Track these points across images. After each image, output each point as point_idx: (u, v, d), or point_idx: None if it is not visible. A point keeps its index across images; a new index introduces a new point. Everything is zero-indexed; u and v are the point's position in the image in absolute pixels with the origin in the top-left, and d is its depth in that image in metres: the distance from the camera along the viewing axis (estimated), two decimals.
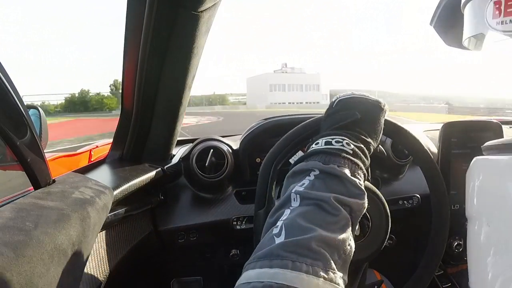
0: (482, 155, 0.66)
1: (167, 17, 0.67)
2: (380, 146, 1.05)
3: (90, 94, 69.50)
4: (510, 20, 0.41)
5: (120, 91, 0.84)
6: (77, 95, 67.72)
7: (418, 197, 0.99)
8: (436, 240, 0.70)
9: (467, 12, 0.52)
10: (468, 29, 0.52)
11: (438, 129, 1.02)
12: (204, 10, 0.67)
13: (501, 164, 0.41)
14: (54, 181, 0.54)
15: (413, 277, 0.71)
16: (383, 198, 0.72)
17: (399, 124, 0.70)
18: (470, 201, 0.45)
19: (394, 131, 0.70)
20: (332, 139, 0.50)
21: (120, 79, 0.81)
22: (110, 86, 70.44)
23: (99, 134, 12.63)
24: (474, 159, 0.48)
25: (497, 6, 0.42)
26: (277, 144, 0.67)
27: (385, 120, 0.68)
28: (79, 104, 69.05)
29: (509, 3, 0.41)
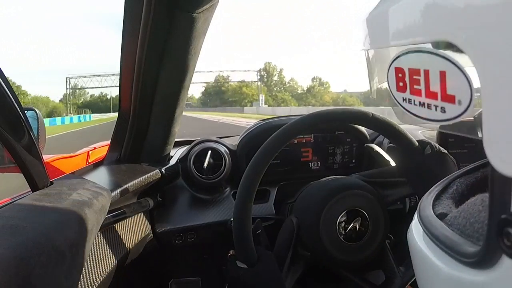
0: (481, 155, 0.65)
1: (164, 19, 0.67)
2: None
3: (230, 82, 71.88)
4: (420, 103, 0.27)
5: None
6: (213, 82, 73.64)
7: (416, 197, 1.00)
8: None
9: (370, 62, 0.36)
10: (373, 90, 0.36)
11: (435, 129, 1.02)
12: (200, 12, 0.67)
13: (442, 275, 0.29)
14: (51, 183, 0.54)
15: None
16: (382, 199, 0.73)
17: (392, 122, 0.70)
18: (418, 279, 0.36)
19: (388, 129, 0.71)
20: None
21: None
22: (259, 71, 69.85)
23: None
24: (410, 231, 0.36)
25: (400, 75, 0.28)
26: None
27: (382, 120, 0.69)
28: (214, 96, 74.15)
29: (414, 77, 0.27)
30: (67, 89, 62.69)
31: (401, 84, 0.28)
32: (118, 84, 0.82)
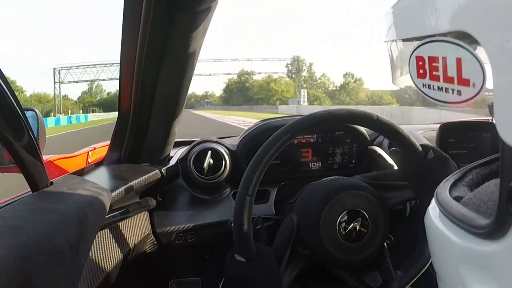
0: (481, 155, 0.65)
1: (164, 18, 0.67)
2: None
3: (254, 77, 65.81)
4: (439, 87, 0.31)
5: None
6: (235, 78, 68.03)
7: (417, 201, 1.00)
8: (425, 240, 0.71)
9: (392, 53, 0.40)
10: (395, 78, 0.40)
11: (435, 130, 1.02)
12: (200, 11, 0.67)
13: (451, 245, 0.34)
14: (52, 183, 0.54)
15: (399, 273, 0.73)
16: (382, 199, 0.73)
17: (396, 125, 0.71)
18: (432, 255, 0.40)
19: (391, 132, 0.71)
20: None
21: None
22: (287, 65, 61.24)
23: None
24: (428, 213, 0.40)
25: (420, 63, 0.32)
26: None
27: (387, 122, 0.69)
28: (237, 93, 67.91)
29: (433, 64, 0.31)
30: (55, 82, 51.21)
31: (421, 71, 0.32)
32: (117, 76, 0.81)
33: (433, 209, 0.38)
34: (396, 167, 0.81)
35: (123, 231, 0.77)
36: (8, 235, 0.38)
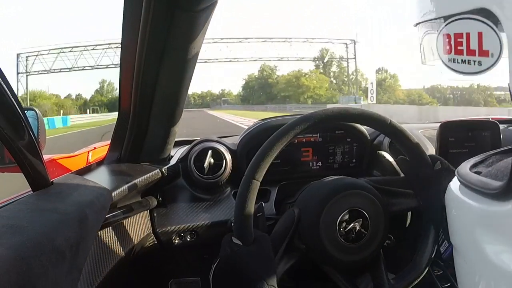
0: (481, 153, 0.65)
1: (164, 17, 0.67)
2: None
3: (277, 73, 57.74)
4: (462, 60, 0.37)
5: None
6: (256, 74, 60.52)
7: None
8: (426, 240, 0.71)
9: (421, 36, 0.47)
10: (426, 56, 0.48)
11: (435, 129, 1.02)
12: (200, 11, 0.67)
13: (471, 212, 0.38)
14: (52, 182, 0.54)
15: (401, 273, 0.72)
16: (382, 199, 0.73)
17: (408, 132, 0.71)
18: (450, 228, 0.45)
19: (402, 139, 0.71)
20: None
21: None
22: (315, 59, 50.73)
23: None
24: (449, 187, 0.45)
25: (447, 40, 0.38)
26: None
27: (399, 128, 0.70)
28: (259, 90, 59.62)
29: (458, 40, 0.37)
30: (18, 73, 36.76)
31: (447, 47, 0.38)
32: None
33: (454, 184, 0.43)
34: (402, 175, 0.81)
35: (123, 231, 0.77)
36: (8, 235, 0.38)
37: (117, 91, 0.80)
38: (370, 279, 0.75)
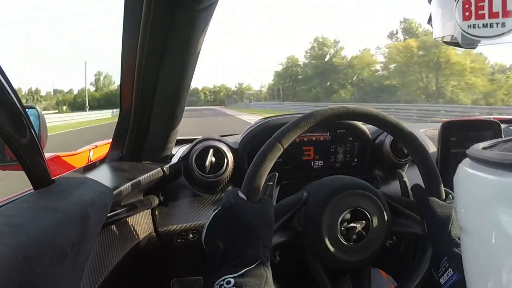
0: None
1: (164, 17, 0.67)
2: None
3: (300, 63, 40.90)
4: (484, 25, 0.37)
5: None
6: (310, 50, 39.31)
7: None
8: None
9: (435, 7, 0.46)
10: (437, 29, 0.46)
11: (437, 129, 1.02)
12: (201, 10, 0.67)
13: (487, 186, 0.36)
14: (53, 181, 0.54)
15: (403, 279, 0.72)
16: (383, 197, 0.72)
17: (398, 122, 0.70)
18: (460, 211, 0.42)
19: (394, 129, 0.70)
20: None
21: None
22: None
23: None
24: (460, 166, 0.43)
25: (467, 6, 0.38)
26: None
27: (386, 118, 0.69)
28: (312, 80, 37.63)
29: (479, 4, 0.37)
30: None
31: (467, 13, 0.37)
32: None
33: (465, 163, 0.41)
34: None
35: (125, 230, 0.77)
36: (9, 234, 0.37)
37: (115, 84, 0.79)
38: (350, 283, 0.75)
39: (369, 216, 0.69)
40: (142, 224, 0.85)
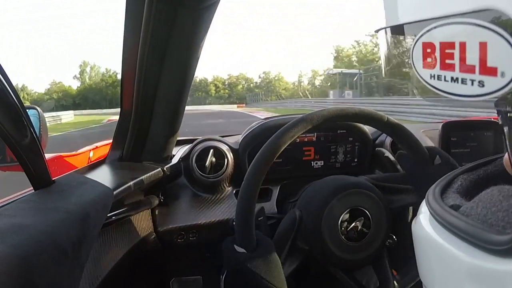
0: (483, 154, 0.63)
1: (166, 15, 0.67)
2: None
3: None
4: (453, 78, 0.25)
5: None
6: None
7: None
8: None
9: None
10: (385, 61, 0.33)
11: (437, 129, 1.02)
12: (203, 8, 0.67)
13: (458, 267, 0.29)
14: (54, 181, 0.54)
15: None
16: (384, 198, 0.73)
17: (405, 128, 0.70)
18: (424, 270, 0.34)
19: (400, 135, 0.71)
20: None
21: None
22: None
23: None
24: (420, 223, 0.35)
25: (428, 50, 0.27)
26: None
27: (396, 125, 0.69)
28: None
29: (447, 51, 0.25)
30: None
31: (429, 60, 0.27)
32: None
33: (424, 218, 0.34)
34: (402, 171, 0.80)
35: (125, 230, 0.77)
36: (10, 234, 0.38)
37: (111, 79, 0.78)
38: (373, 275, 0.75)
39: (365, 211, 0.70)
40: (142, 224, 0.86)
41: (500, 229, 0.26)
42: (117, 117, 0.89)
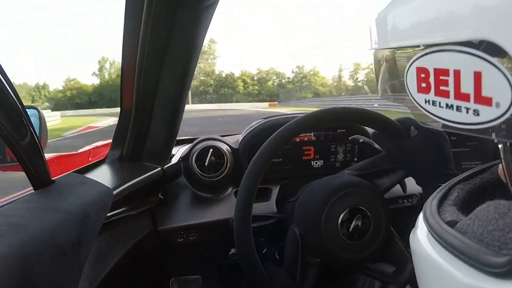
0: (483, 153, 0.63)
1: (166, 15, 0.67)
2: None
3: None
4: (448, 105, 0.24)
5: None
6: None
7: (418, 195, 1.00)
8: None
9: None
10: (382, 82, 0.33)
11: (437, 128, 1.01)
12: (202, 8, 0.67)
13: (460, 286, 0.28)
14: (53, 181, 0.54)
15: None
16: (383, 197, 0.73)
17: (367, 109, 0.71)
18: (419, 280, 0.34)
19: (365, 118, 0.71)
20: None
21: None
22: None
23: None
24: (418, 239, 0.34)
25: (423, 75, 0.26)
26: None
27: (360, 111, 0.69)
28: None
29: (441, 77, 0.24)
30: None
31: (423, 85, 0.26)
32: None
33: (422, 234, 0.33)
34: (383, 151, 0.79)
35: (125, 229, 0.77)
36: (10, 233, 0.38)
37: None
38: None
39: (362, 209, 0.70)
40: (142, 223, 0.86)
41: (496, 249, 0.25)
42: (100, 124, 0.89)
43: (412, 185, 1.03)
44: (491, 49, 0.21)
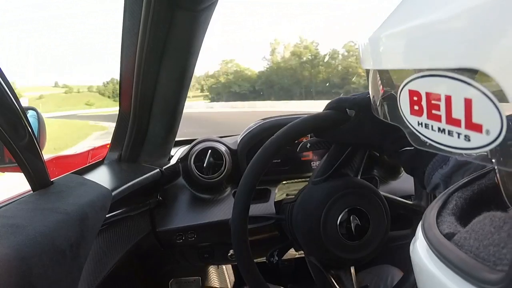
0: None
1: (164, 17, 0.67)
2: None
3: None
4: (440, 129, 0.25)
5: None
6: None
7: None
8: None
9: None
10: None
11: None
12: (201, 10, 0.67)
13: None
14: (52, 182, 0.54)
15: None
16: (382, 197, 0.73)
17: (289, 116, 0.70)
18: None
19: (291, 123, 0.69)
20: None
21: None
22: None
23: None
24: (418, 248, 0.34)
25: (415, 98, 0.26)
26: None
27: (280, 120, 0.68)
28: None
29: (433, 102, 0.25)
30: None
31: (416, 107, 0.26)
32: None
33: (421, 246, 0.33)
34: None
35: (123, 231, 0.77)
36: (9, 235, 0.38)
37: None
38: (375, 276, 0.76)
39: (361, 209, 0.70)
40: (140, 224, 0.86)
41: (491, 265, 0.25)
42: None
43: (409, 185, 1.04)
44: (483, 75, 0.20)
